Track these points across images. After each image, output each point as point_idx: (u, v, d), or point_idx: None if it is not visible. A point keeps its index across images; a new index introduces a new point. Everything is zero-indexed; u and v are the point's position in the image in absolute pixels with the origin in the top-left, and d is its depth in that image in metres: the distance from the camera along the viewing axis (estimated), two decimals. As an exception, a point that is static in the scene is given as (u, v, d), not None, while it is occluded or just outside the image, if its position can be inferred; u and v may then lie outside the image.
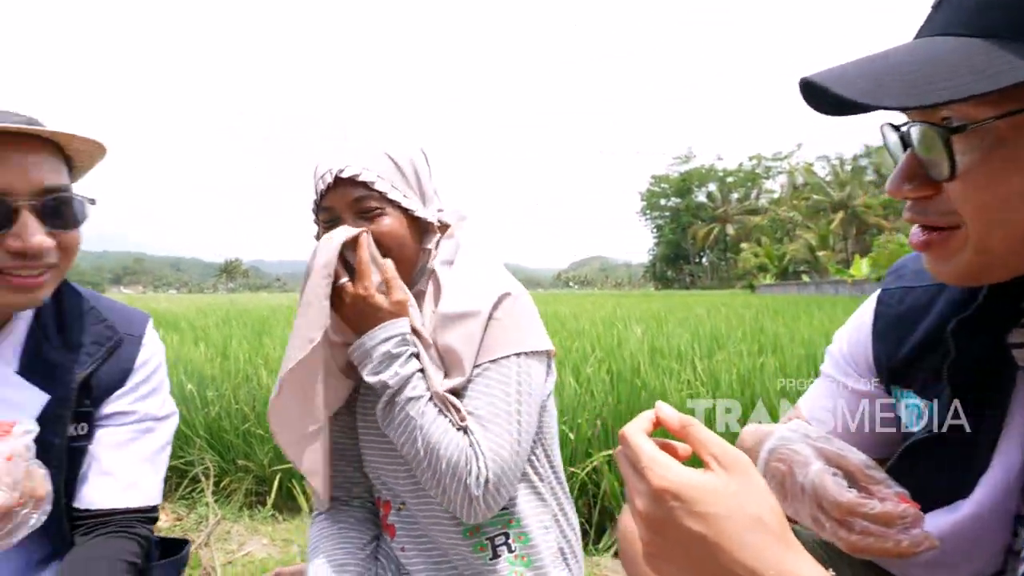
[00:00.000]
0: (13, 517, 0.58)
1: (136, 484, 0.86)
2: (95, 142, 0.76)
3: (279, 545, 2.07)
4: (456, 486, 0.77)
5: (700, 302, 12.09)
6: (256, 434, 2.64)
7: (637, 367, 2.81)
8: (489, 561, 0.87)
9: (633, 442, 0.45)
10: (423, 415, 0.79)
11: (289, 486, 2.49)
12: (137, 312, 0.94)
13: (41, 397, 0.78)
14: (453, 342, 0.83)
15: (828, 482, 0.55)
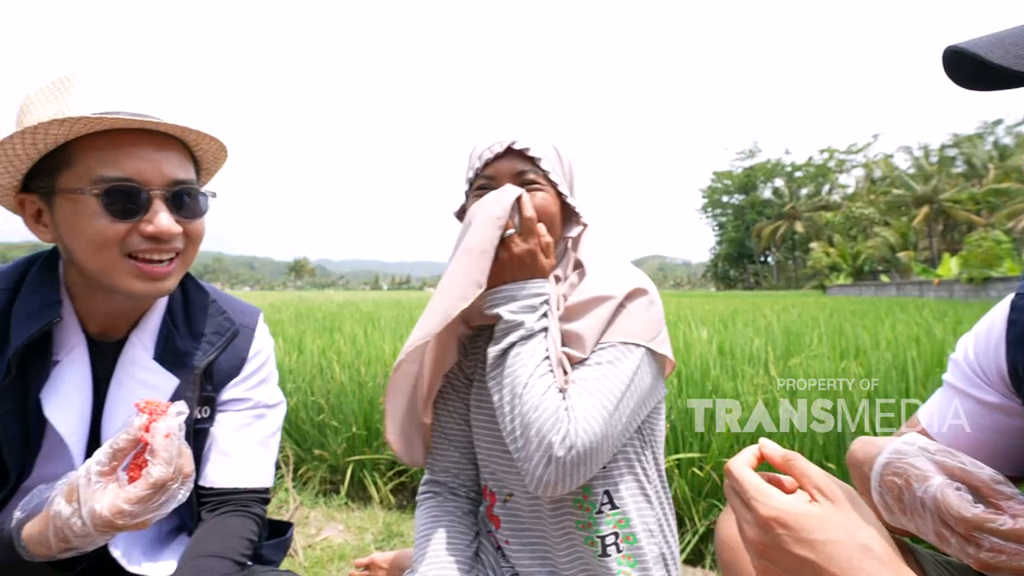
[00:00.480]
0: (167, 491, 0.63)
1: (252, 466, 0.93)
2: (217, 141, 0.83)
3: (354, 532, 2.16)
4: (540, 444, 0.75)
5: (767, 303, 11.54)
6: (330, 425, 2.77)
7: (707, 369, 2.72)
8: (598, 557, 0.87)
9: (739, 475, 0.49)
10: (536, 367, 0.81)
11: (360, 476, 2.60)
12: (250, 306, 1.02)
13: (172, 381, 0.86)
14: (581, 324, 0.85)
15: (951, 497, 0.53)
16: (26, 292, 0.79)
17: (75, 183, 0.73)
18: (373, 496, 2.49)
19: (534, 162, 0.90)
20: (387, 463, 2.62)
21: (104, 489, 0.61)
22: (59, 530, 0.61)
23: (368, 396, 2.81)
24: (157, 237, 0.76)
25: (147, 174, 0.75)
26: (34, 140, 0.71)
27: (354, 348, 3.77)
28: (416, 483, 2.55)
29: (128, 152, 0.74)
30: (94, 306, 0.82)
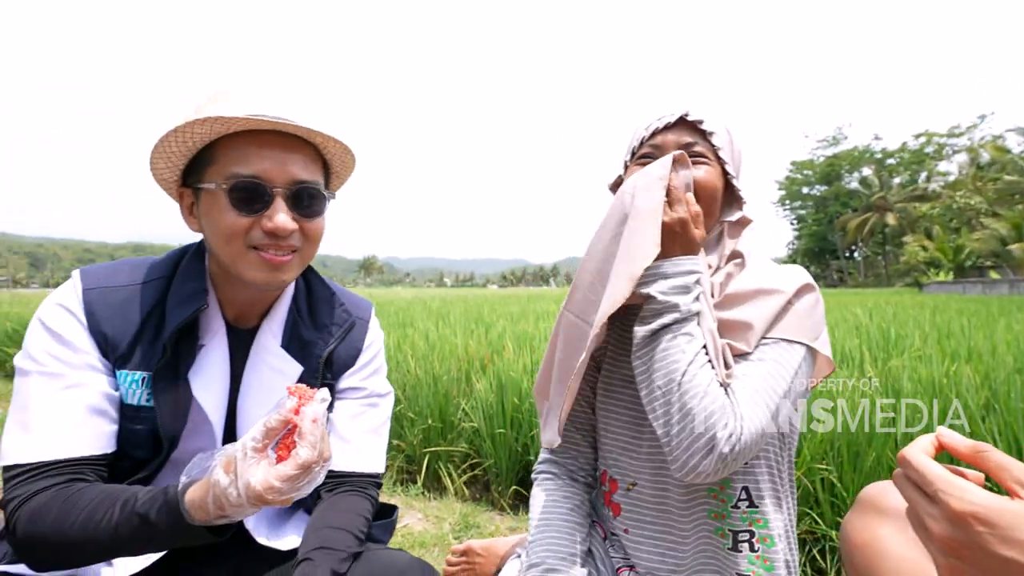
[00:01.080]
0: (310, 473, 0.67)
1: (367, 452, 0.98)
2: (341, 144, 0.86)
3: (432, 521, 2.21)
4: (702, 435, 0.73)
5: (855, 301, 10.69)
6: (407, 416, 2.86)
7: (794, 370, 2.55)
8: (727, 550, 0.84)
9: (920, 465, 0.45)
10: (696, 355, 0.77)
11: (436, 467, 2.66)
12: (364, 299, 1.07)
13: (297, 368, 0.92)
14: (747, 313, 0.82)
15: None
16: (178, 281, 0.86)
17: (213, 179, 0.80)
18: (448, 487, 2.55)
19: (705, 135, 0.87)
20: (461, 455, 2.66)
21: (257, 465, 0.66)
22: (217, 498, 0.66)
23: (443, 390, 2.88)
24: (274, 232, 0.81)
25: (272, 173, 0.80)
26: (184, 139, 0.78)
27: (427, 343, 3.87)
28: (488, 477, 2.58)
29: (258, 152, 0.80)
30: (231, 295, 0.89)
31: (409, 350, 3.55)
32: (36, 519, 0.72)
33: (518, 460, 2.49)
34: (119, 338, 0.82)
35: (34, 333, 0.80)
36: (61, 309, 0.81)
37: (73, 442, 0.76)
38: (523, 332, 4.35)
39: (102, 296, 0.83)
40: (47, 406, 0.76)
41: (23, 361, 0.79)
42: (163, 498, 0.71)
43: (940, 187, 54.47)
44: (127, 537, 0.71)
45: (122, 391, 0.82)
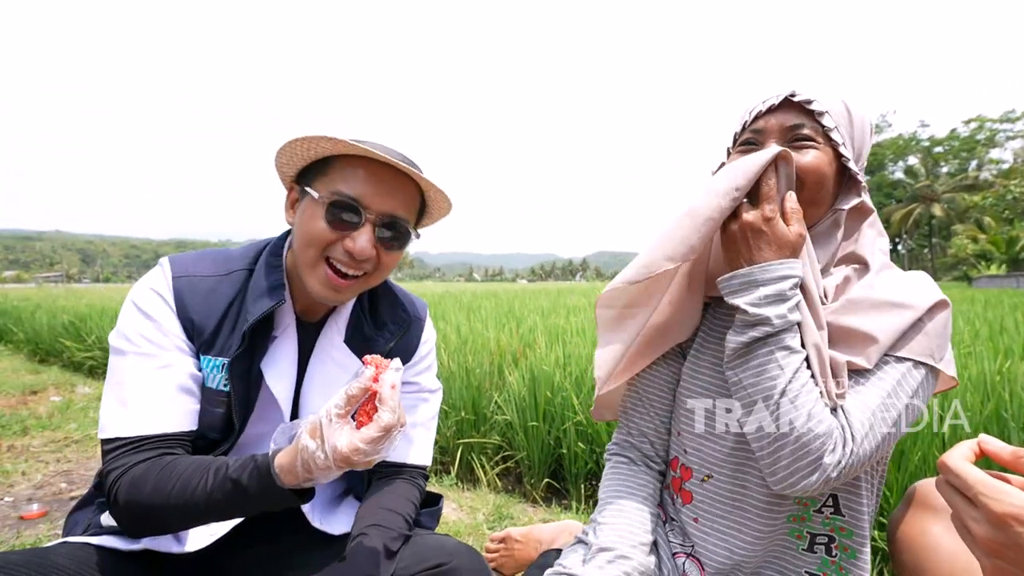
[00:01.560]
0: (390, 435, 0.71)
1: (417, 445, 1.03)
2: (442, 194, 0.91)
3: (466, 511, 2.25)
4: (804, 456, 0.71)
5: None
6: (441, 409, 2.90)
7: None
8: (802, 551, 0.83)
9: (960, 470, 0.47)
10: (796, 372, 0.72)
11: (469, 459, 2.70)
12: (420, 300, 1.12)
13: (357, 363, 0.95)
14: (870, 324, 0.76)
15: None
16: (258, 275, 0.92)
17: (320, 189, 0.86)
18: (481, 479, 2.58)
19: (814, 116, 0.80)
20: (494, 448, 2.70)
21: (341, 430, 0.70)
22: (305, 462, 0.71)
23: (475, 382, 2.91)
24: (352, 253, 0.86)
25: (370, 200, 0.86)
26: (308, 147, 0.85)
27: (459, 336, 3.92)
28: (520, 469, 2.61)
29: (365, 177, 0.85)
30: (303, 291, 0.94)
31: (442, 344, 3.60)
32: (136, 487, 0.78)
33: (550, 453, 2.50)
34: (204, 325, 0.88)
35: (129, 315, 0.87)
36: (153, 293, 0.88)
37: (165, 418, 0.83)
38: (554, 326, 4.35)
39: (189, 284, 0.89)
40: (142, 385, 0.83)
41: (118, 341, 0.86)
42: (253, 464, 0.76)
43: (992, 176, 51.60)
44: (221, 500, 0.76)
45: (204, 374, 0.88)
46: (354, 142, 0.82)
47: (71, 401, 4.00)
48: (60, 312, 6.98)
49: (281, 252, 0.96)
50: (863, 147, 0.84)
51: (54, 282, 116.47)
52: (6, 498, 2.28)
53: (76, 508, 0.95)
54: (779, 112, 0.81)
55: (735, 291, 0.77)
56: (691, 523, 0.90)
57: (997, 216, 41.18)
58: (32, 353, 6.45)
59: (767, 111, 0.82)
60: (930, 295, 0.77)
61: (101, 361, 5.23)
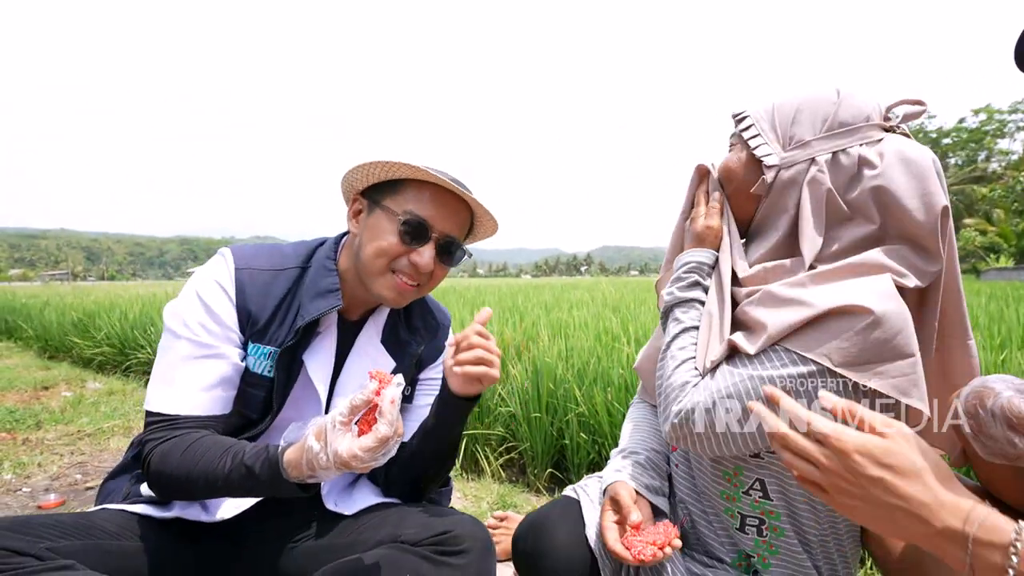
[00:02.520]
0: (387, 446, 0.79)
1: None
2: (494, 221, 1.05)
3: (471, 500, 2.30)
4: (663, 402, 0.87)
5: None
6: (445, 401, 2.95)
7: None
8: (735, 530, 0.90)
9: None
10: (675, 337, 0.90)
11: (473, 450, 2.75)
12: (444, 308, 1.23)
13: (391, 363, 1.08)
14: (765, 317, 0.80)
15: (1016, 400, 0.63)
16: (313, 274, 1.01)
17: (394, 206, 0.96)
18: (485, 469, 2.63)
19: (739, 119, 0.96)
20: (498, 439, 2.74)
21: (343, 436, 0.77)
22: (309, 461, 0.79)
23: (479, 375, 2.96)
24: (417, 267, 0.97)
25: (436, 221, 0.98)
26: (386, 169, 0.97)
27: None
28: (524, 460, 2.65)
29: (433, 202, 0.98)
30: (351, 292, 1.04)
31: (446, 338, 3.64)
32: (165, 459, 0.87)
33: (553, 444, 2.55)
34: (259, 315, 0.97)
35: (189, 301, 0.95)
36: (215, 284, 0.96)
37: (204, 402, 0.92)
38: (557, 320, 4.39)
39: (250, 276, 0.98)
40: (190, 369, 0.92)
41: (175, 323, 0.94)
42: (265, 454, 0.84)
43: (1002, 167, 51.08)
44: (235, 482, 0.84)
45: (250, 361, 0.97)
46: (426, 168, 0.93)
47: (82, 396, 4.07)
48: (68, 309, 7.07)
49: (335, 255, 1.05)
50: (787, 129, 0.88)
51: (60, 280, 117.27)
52: (24, 488, 2.35)
53: (111, 477, 1.04)
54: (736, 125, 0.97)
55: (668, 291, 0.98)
56: (673, 468, 1.03)
57: (1007, 208, 40.83)
58: (42, 350, 6.54)
59: None
60: (842, 298, 0.74)
61: (110, 357, 5.31)
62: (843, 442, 0.56)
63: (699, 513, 0.96)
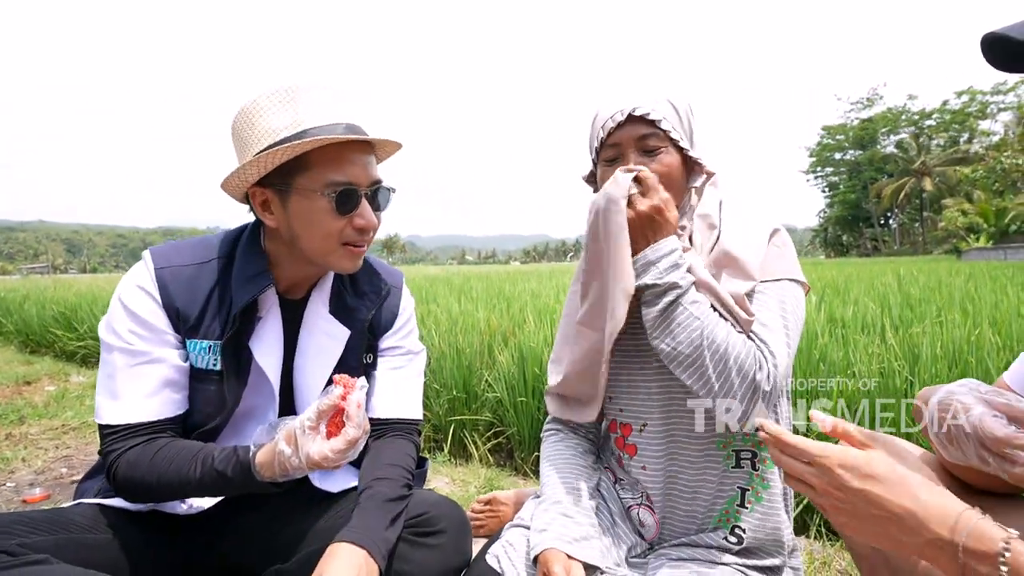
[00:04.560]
0: (356, 446, 0.83)
1: (407, 400, 1.12)
2: (399, 145, 1.00)
3: (459, 485, 2.33)
4: (741, 380, 0.84)
5: (887, 270, 10.40)
6: (433, 388, 2.96)
7: (814, 338, 2.56)
8: (731, 468, 0.95)
9: (794, 441, 0.62)
10: (708, 315, 0.86)
11: (461, 436, 2.78)
12: (395, 268, 1.20)
13: (344, 331, 1.05)
14: (741, 253, 0.92)
15: (988, 421, 0.63)
16: (240, 262, 0.98)
17: (310, 184, 0.90)
18: (473, 454, 2.66)
19: (655, 124, 0.93)
20: (485, 424, 2.77)
21: (313, 440, 0.81)
22: (281, 464, 0.82)
23: (466, 362, 2.97)
24: (364, 229, 0.94)
25: (360, 177, 0.93)
26: (283, 153, 0.87)
27: (450, 318, 3.97)
28: (511, 444, 2.69)
29: (348, 159, 0.92)
30: (289, 273, 1.02)
31: (433, 325, 3.65)
32: (132, 468, 0.88)
33: (539, 428, 2.57)
34: (189, 311, 0.95)
35: (116, 312, 0.93)
36: (138, 290, 0.94)
37: (153, 408, 0.91)
38: (544, 306, 4.41)
39: (172, 274, 0.95)
40: (130, 378, 0.91)
41: (108, 336, 0.92)
42: (236, 458, 0.86)
43: (983, 148, 51.69)
44: (209, 485, 0.87)
45: (192, 357, 0.95)
46: (326, 133, 0.88)
47: (66, 390, 4.03)
48: (49, 303, 6.95)
49: (259, 239, 1.01)
50: (692, 130, 0.99)
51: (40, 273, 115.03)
52: (8, 483, 2.34)
53: (86, 478, 1.04)
54: (628, 126, 0.94)
55: (644, 269, 0.90)
56: (640, 472, 1.01)
57: (987, 188, 41.42)
58: (23, 344, 6.45)
59: (617, 127, 0.94)
60: (767, 228, 0.95)
61: (94, 350, 5.25)
62: (826, 458, 0.59)
63: (679, 500, 0.98)
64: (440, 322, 3.77)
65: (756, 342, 0.86)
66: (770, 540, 0.95)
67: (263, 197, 0.95)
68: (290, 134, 0.89)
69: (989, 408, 0.64)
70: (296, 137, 0.88)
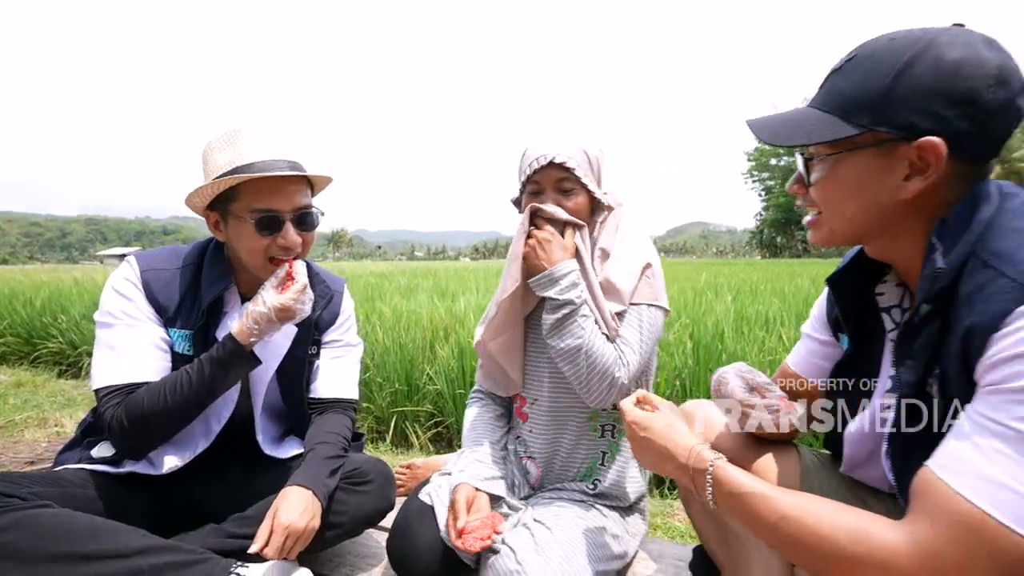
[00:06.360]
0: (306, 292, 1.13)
1: (345, 383, 1.34)
2: (330, 179, 1.22)
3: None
4: (603, 376, 1.12)
5: (808, 271, 11.29)
6: (375, 381, 3.10)
7: (720, 334, 2.88)
8: (598, 438, 1.24)
9: (624, 407, 0.93)
10: (592, 329, 1.13)
11: (403, 427, 2.93)
12: (338, 277, 1.42)
13: (292, 329, 1.26)
14: (620, 284, 1.18)
15: (737, 391, 0.89)
16: (207, 267, 1.19)
17: (239, 211, 1.12)
18: (414, 443, 2.82)
19: (570, 171, 1.18)
20: (426, 415, 2.93)
21: (275, 293, 1.10)
22: (255, 317, 1.07)
23: (408, 356, 3.12)
24: (287, 248, 1.15)
25: (283, 205, 1.13)
26: (220, 185, 1.11)
27: (395, 314, 4.09)
28: (451, 434, 2.87)
29: (272, 189, 1.12)
30: (246, 278, 1.22)
31: (378, 321, 3.77)
32: (134, 408, 1.05)
33: (477, 417, 2.77)
34: (168, 305, 1.14)
35: (110, 298, 1.12)
36: (128, 283, 1.14)
37: (148, 368, 1.10)
38: (485, 303, 4.60)
39: (154, 276, 1.16)
40: (130, 343, 1.10)
41: (105, 317, 1.11)
42: (216, 343, 1.09)
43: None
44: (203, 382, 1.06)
45: (172, 342, 1.14)
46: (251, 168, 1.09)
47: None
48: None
49: (223, 250, 1.23)
50: (600, 173, 1.25)
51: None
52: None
53: (64, 450, 1.18)
54: (548, 169, 1.19)
55: (543, 286, 1.16)
56: (528, 434, 1.31)
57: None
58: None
59: (540, 168, 1.19)
60: (643, 262, 1.20)
61: (15, 348, 5.00)
62: (627, 416, 0.91)
63: (556, 458, 1.27)
64: (385, 318, 3.89)
65: (619, 350, 1.15)
66: (620, 489, 1.26)
67: (214, 218, 1.17)
68: (226, 170, 1.10)
69: (741, 381, 0.90)
70: (231, 173, 1.10)
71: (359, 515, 1.20)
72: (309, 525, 1.05)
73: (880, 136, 0.65)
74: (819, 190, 0.73)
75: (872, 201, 0.68)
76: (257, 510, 1.12)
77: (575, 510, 1.18)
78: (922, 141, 0.62)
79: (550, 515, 1.14)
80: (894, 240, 0.71)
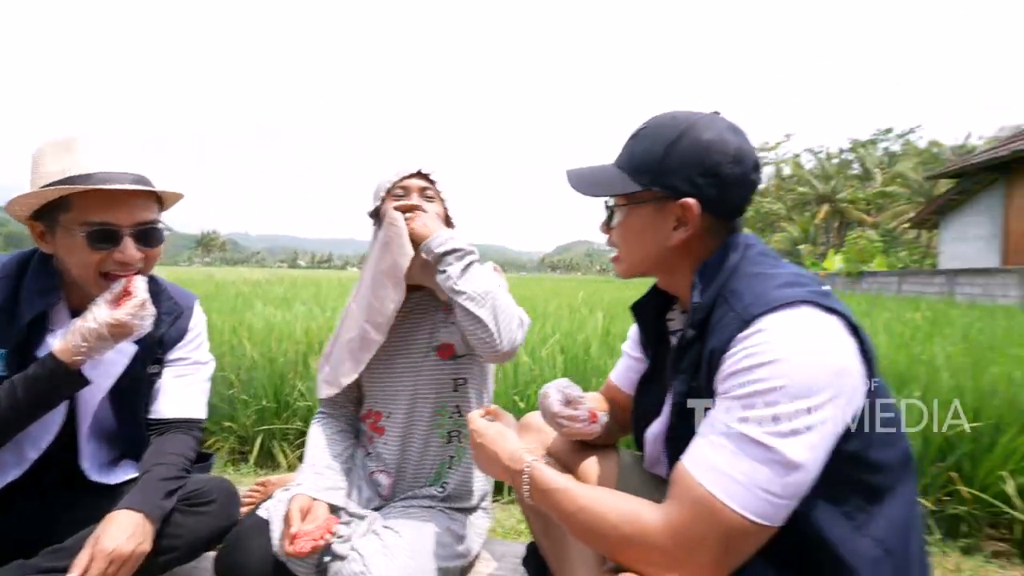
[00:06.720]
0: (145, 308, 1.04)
1: (190, 402, 1.25)
2: (179, 195, 1.16)
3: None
4: (511, 315, 1.19)
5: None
6: (240, 399, 2.91)
7: (589, 348, 3.13)
8: (446, 444, 1.33)
9: (470, 418, 1.02)
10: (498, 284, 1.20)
11: (269, 446, 2.78)
12: (188, 292, 1.33)
13: (133, 347, 1.16)
14: None
15: (554, 404, 1.00)
16: (30, 280, 1.07)
17: (70, 224, 1.03)
18: (282, 463, 2.69)
19: (433, 182, 1.32)
20: (295, 432, 2.81)
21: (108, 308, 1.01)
22: (83, 333, 0.98)
23: (279, 371, 2.98)
24: (124, 263, 1.06)
25: (121, 218, 1.05)
26: (46, 195, 1.02)
27: (267, 326, 3.88)
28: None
29: (109, 202, 1.04)
30: (77, 293, 1.11)
31: (246, 334, 3.54)
32: None
33: (350, 433, 2.72)
34: None
35: None
36: None
37: None
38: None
39: None
40: None
41: None
42: (40, 361, 0.99)
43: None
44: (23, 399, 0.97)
45: None
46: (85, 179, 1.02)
47: None
48: None
49: (50, 261, 1.11)
50: (455, 200, 1.39)
51: None
52: None
53: None
54: (415, 177, 1.32)
55: (444, 243, 1.19)
56: (384, 447, 1.35)
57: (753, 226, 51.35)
58: None
59: (407, 175, 1.31)
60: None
61: None
62: (470, 424, 1.00)
63: (408, 466, 1.34)
64: (255, 331, 3.67)
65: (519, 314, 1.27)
66: (465, 490, 1.36)
67: (40, 228, 1.08)
68: (56, 180, 1.02)
69: (560, 395, 1.01)
70: (63, 183, 1.02)
71: (197, 537, 1.14)
72: (137, 549, 0.98)
73: (656, 194, 0.83)
74: (617, 233, 0.89)
75: (652, 244, 0.85)
76: (76, 540, 1.01)
77: (423, 514, 1.25)
78: (683, 201, 0.81)
79: (399, 520, 1.20)
80: (672, 276, 0.89)
